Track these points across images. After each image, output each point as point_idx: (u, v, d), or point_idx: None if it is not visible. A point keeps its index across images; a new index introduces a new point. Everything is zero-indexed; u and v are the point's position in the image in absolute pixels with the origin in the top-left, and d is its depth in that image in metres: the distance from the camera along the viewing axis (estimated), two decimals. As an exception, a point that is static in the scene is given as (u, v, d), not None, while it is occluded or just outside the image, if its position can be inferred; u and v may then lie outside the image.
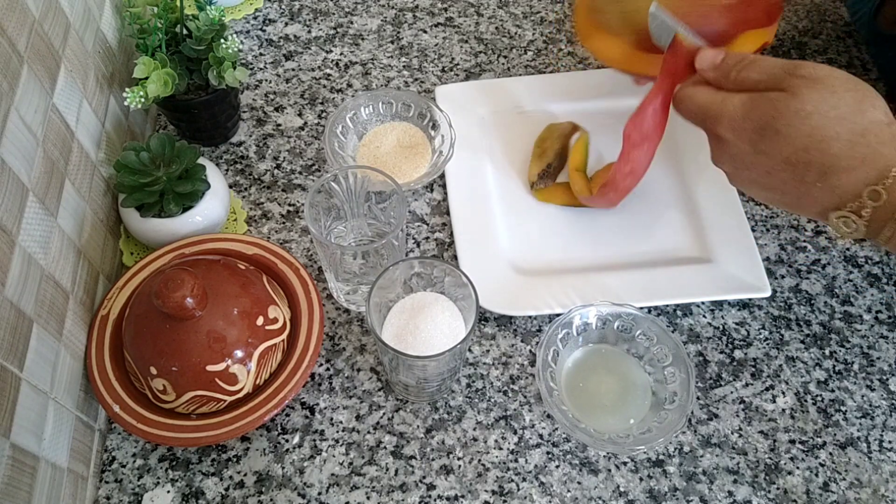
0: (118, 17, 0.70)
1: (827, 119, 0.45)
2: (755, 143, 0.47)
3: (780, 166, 0.47)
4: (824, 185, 0.46)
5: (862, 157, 0.44)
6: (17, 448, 0.45)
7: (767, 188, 0.49)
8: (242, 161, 0.72)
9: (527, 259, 0.65)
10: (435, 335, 0.54)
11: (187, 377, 0.53)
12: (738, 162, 0.49)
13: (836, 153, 0.44)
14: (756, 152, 0.48)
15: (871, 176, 0.44)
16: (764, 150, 0.47)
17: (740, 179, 0.51)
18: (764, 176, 0.48)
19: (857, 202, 0.45)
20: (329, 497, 0.55)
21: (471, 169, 0.69)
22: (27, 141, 0.50)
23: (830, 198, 0.46)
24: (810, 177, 0.46)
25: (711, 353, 0.62)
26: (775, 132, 0.46)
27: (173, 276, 0.51)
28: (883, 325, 0.63)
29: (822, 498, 0.55)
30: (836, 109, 0.45)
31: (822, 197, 0.46)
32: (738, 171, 0.50)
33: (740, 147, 0.48)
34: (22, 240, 0.48)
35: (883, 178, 0.44)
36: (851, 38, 0.81)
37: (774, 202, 0.51)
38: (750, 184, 0.51)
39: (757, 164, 0.48)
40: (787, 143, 0.46)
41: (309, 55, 0.79)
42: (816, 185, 0.46)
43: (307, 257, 0.66)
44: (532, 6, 0.84)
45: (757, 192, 0.51)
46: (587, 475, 0.56)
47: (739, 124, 0.48)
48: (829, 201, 0.46)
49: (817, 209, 0.48)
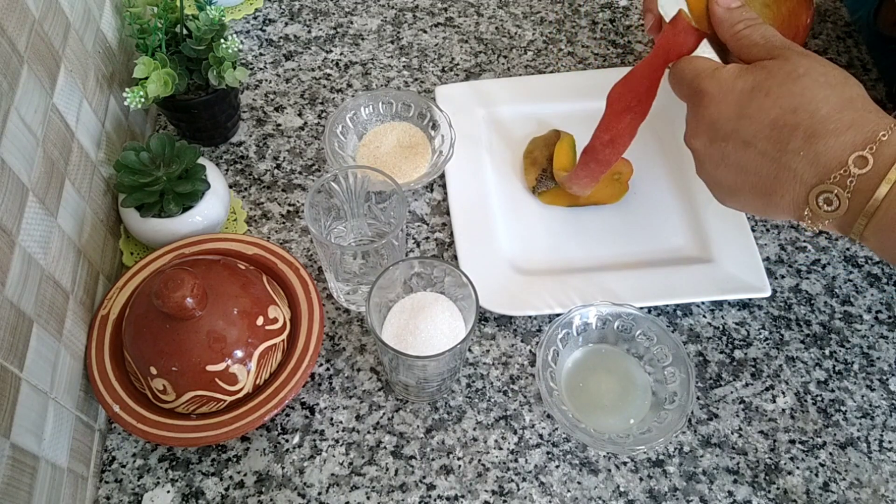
0: (118, 17, 0.70)
1: (817, 83, 0.45)
2: (742, 106, 0.46)
3: (763, 133, 0.45)
4: (808, 152, 0.44)
5: (850, 122, 0.43)
6: (17, 448, 0.45)
7: (739, 167, 0.47)
8: (242, 161, 0.72)
9: (527, 259, 0.65)
10: (435, 335, 0.54)
11: (187, 377, 0.53)
12: (715, 130, 0.47)
13: (825, 115, 0.44)
14: (740, 117, 0.46)
15: (857, 140, 0.43)
16: (749, 113, 0.46)
17: (711, 158, 0.49)
18: (740, 149, 0.47)
19: (842, 171, 0.43)
20: (329, 497, 0.55)
21: (471, 169, 0.69)
22: (27, 141, 0.50)
23: (812, 169, 0.44)
24: (795, 143, 0.44)
25: (711, 353, 0.62)
26: (765, 93, 0.45)
27: (173, 276, 0.51)
28: (883, 325, 0.63)
29: (822, 498, 0.55)
30: (825, 77, 0.45)
31: (804, 169, 0.44)
32: (712, 144, 0.48)
33: (724, 111, 0.47)
34: (22, 240, 0.48)
35: (870, 143, 0.42)
36: (851, 38, 0.81)
37: (743, 191, 0.48)
38: (720, 163, 0.48)
39: (736, 133, 0.46)
40: (775, 103, 0.45)
41: (309, 55, 0.79)
42: (799, 154, 0.44)
43: (307, 257, 0.66)
44: (532, 6, 0.84)
45: (726, 176, 0.49)
46: (587, 475, 0.56)
47: (730, 84, 0.47)
48: (810, 174, 0.44)
49: (794, 190, 0.45)
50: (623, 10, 0.84)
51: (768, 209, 0.48)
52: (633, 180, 0.68)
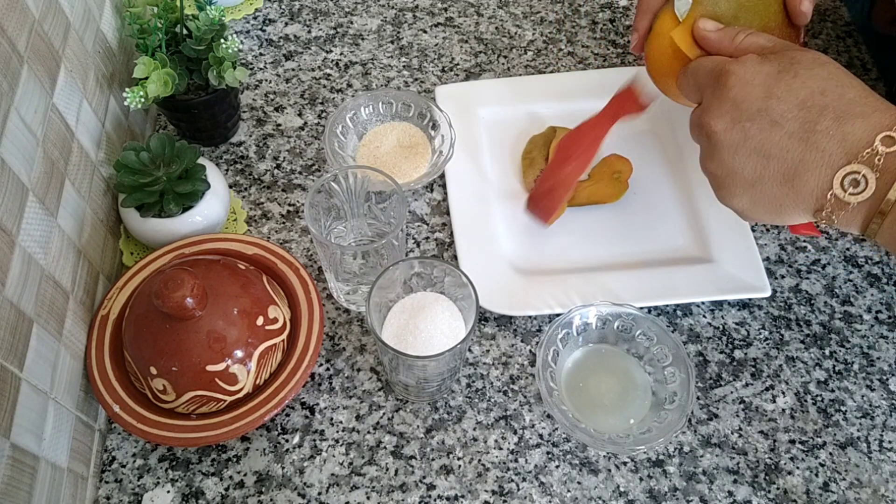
0: (118, 17, 0.70)
1: (841, 70, 0.46)
2: (770, 87, 0.46)
3: (792, 112, 0.45)
4: (837, 131, 0.44)
5: (875, 106, 0.44)
6: (17, 448, 0.45)
7: (762, 151, 0.46)
8: (242, 161, 0.72)
9: (527, 259, 0.65)
10: (435, 335, 0.54)
11: (187, 377, 0.53)
12: (741, 110, 0.46)
13: (852, 98, 0.45)
14: (768, 96, 0.46)
15: (884, 122, 0.43)
16: (778, 93, 0.46)
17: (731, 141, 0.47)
18: (767, 129, 0.46)
19: (870, 149, 0.43)
20: (329, 497, 0.55)
21: (471, 169, 0.69)
22: (27, 141, 0.50)
23: (841, 148, 0.44)
24: (824, 122, 0.44)
25: (711, 353, 0.62)
26: (794, 75, 0.46)
27: (173, 276, 0.51)
28: (883, 325, 0.63)
29: (822, 498, 0.55)
30: (844, 69, 0.46)
31: (832, 148, 0.44)
32: (734, 126, 0.47)
33: (751, 91, 0.46)
34: (22, 240, 0.48)
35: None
36: (851, 38, 0.81)
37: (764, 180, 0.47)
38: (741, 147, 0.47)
39: (764, 113, 0.46)
40: (804, 85, 0.45)
41: (309, 55, 0.79)
42: (829, 133, 0.44)
43: (307, 257, 0.66)
44: (532, 6, 0.84)
45: (745, 164, 0.47)
46: (587, 475, 0.56)
47: (757, 67, 0.47)
48: (839, 154, 0.44)
49: (821, 172, 0.45)
50: (623, 10, 0.84)
51: (786, 200, 0.47)
52: (633, 180, 0.68)
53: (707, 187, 0.68)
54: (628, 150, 0.69)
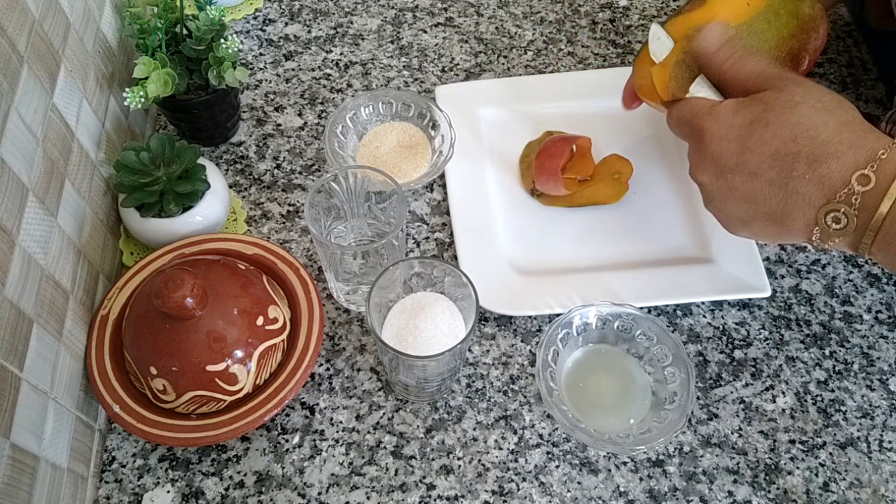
0: (118, 17, 0.70)
1: (814, 109, 0.46)
2: (743, 140, 0.48)
3: (767, 163, 0.47)
4: (812, 175, 0.46)
5: (849, 144, 0.45)
6: (17, 448, 0.45)
7: (748, 198, 0.49)
8: (242, 161, 0.72)
9: (527, 259, 0.65)
10: (435, 335, 0.54)
11: (187, 377, 0.53)
12: (720, 165, 0.49)
13: (825, 140, 0.45)
14: (743, 150, 0.48)
15: (859, 160, 0.45)
16: (751, 146, 0.47)
17: (719, 191, 0.50)
18: (748, 180, 0.48)
19: (846, 189, 0.45)
20: (329, 497, 0.55)
21: (471, 169, 0.69)
22: (27, 141, 0.50)
23: (819, 191, 0.46)
24: (799, 169, 0.46)
25: (711, 353, 0.62)
26: (765, 125, 0.47)
27: (173, 276, 0.51)
28: (883, 325, 0.63)
29: (822, 498, 0.55)
30: (821, 102, 0.47)
31: (810, 192, 0.46)
32: (718, 179, 0.50)
33: (726, 146, 0.48)
34: (22, 240, 0.48)
35: (871, 161, 0.44)
36: (851, 38, 0.81)
37: (756, 220, 0.50)
38: (729, 196, 0.50)
39: (742, 166, 0.48)
40: (775, 135, 0.47)
41: (309, 55, 0.79)
42: (805, 178, 0.46)
43: (307, 257, 0.66)
44: (532, 6, 0.84)
45: (736, 208, 0.50)
46: (587, 475, 0.56)
47: (729, 120, 0.49)
48: (818, 195, 0.46)
49: (804, 212, 0.47)
50: (623, 10, 0.84)
51: (782, 234, 0.49)
52: (633, 180, 0.68)
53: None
54: (628, 151, 0.69)
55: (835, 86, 0.77)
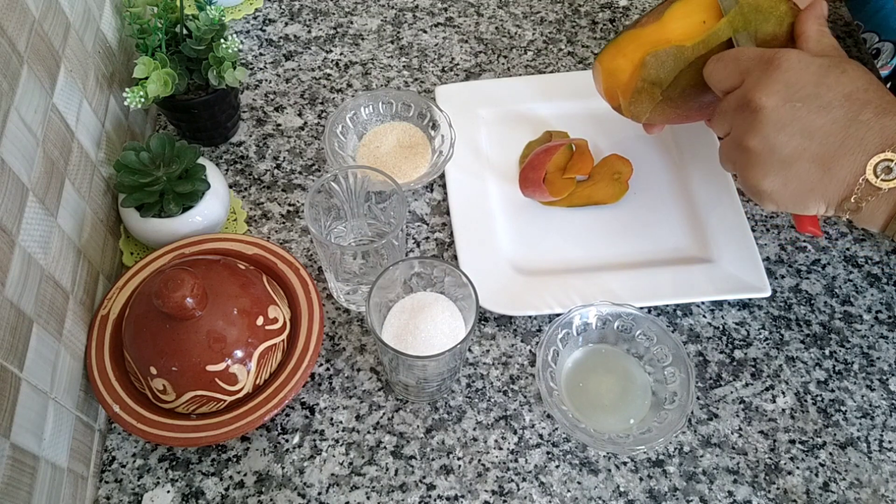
0: (118, 17, 0.70)
1: (879, 81, 0.50)
2: (822, 75, 0.49)
3: (838, 101, 0.48)
4: (876, 123, 0.47)
5: None
6: (17, 448, 0.45)
7: (807, 131, 0.48)
8: (242, 161, 0.72)
9: (527, 259, 0.65)
10: (435, 335, 0.54)
11: (187, 377, 0.53)
12: (793, 90, 0.49)
13: (891, 99, 0.48)
14: (819, 83, 0.49)
15: None
16: (829, 83, 0.49)
17: (780, 118, 0.49)
18: (815, 112, 0.48)
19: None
20: (329, 497, 0.55)
21: (471, 169, 0.69)
22: (27, 141, 0.50)
23: (878, 137, 0.47)
24: (866, 114, 0.48)
25: (711, 353, 0.62)
26: (842, 70, 0.49)
27: (173, 276, 0.51)
28: (883, 325, 0.63)
29: (822, 498, 0.55)
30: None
31: (870, 137, 0.47)
32: (785, 104, 0.49)
33: (805, 76, 0.49)
34: (22, 240, 0.48)
35: None
36: (851, 38, 0.81)
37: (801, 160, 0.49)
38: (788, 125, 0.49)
39: (815, 97, 0.49)
40: (851, 80, 0.49)
41: (309, 55, 0.79)
42: (869, 124, 0.48)
43: (307, 257, 0.66)
44: (532, 6, 0.84)
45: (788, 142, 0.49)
46: (587, 475, 0.56)
47: (808, 58, 0.50)
48: (876, 142, 0.47)
49: (856, 158, 0.47)
50: (623, 10, 0.84)
51: (818, 185, 0.49)
52: (633, 180, 0.68)
53: (707, 187, 0.68)
54: (628, 151, 0.70)
55: (835, 86, 0.77)
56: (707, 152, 0.70)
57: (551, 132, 0.71)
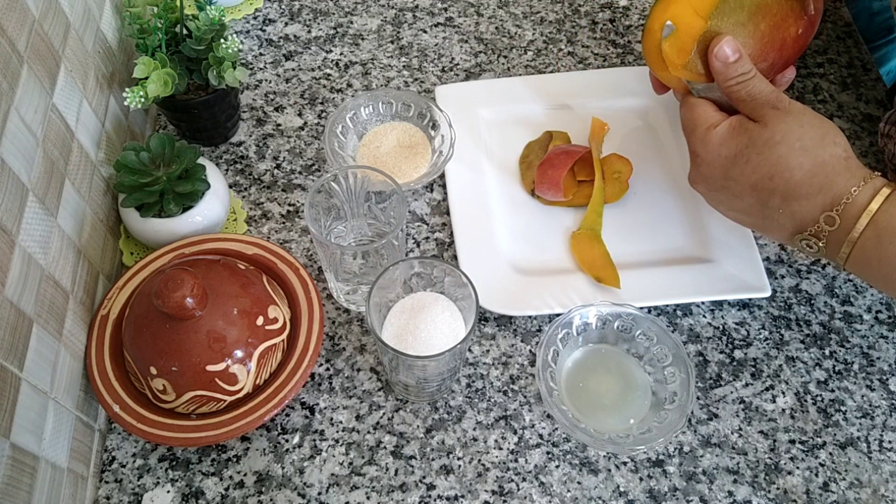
0: (118, 17, 0.70)
1: (792, 150, 0.50)
2: (727, 170, 0.53)
3: (747, 191, 0.52)
4: (786, 210, 0.51)
5: (819, 186, 0.50)
6: (17, 448, 0.45)
7: (737, 210, 0.54)
8: (242, 161, 0.72)
9: (527, 259, 0.65)
10: (435, 335, 0.54)
11: (187, 377, 0.53)
12: (710, 184, 0.55)
13: (798, 181, 0.50)
14: (726, 178, 0.53)
15: (826, 202, 0.50)
16: (734, 176, 0.52)
17: (712, 199, 0.56)
18: (733, 199, 0.54)
19: (815, 227, 0.50)
20: (329, 497, 0.55)
21: (471, 169, 0.69)
22: (27, 141, 0.50)
23: (792, 222, 0.51)
24: (774, 202, 0.51)
25: (711, 353, 0.62)
26: (746, 160, 0.51)
27: (173, 276, 0.51)
28: (883, 325, 0.63)
29: (822, 498, 0.55)
30: (800, 141, 0.50)
31: (785, 221, 0.51)
32: (710, 191, 0.56)
33: (713, 172, 0.54)
34: (22, 240, 0.48)
35: (836, 205, 0.49)
36: (851, 39, 0.81)
37: (745, 224, 0.56)
38: (721, 205, 0.56)
39: (727, 189, 0.53)
40: (754, 171, 0.51)
41: (309, 55, 0.79)
42: (779, 211, 0.51)
43: (307, 257, 0.66)
44: (532, 6, 0.84)
45: (727, 213, 0.56)
46: (587, 475, 0.56)
47: (716, 150, 0.53)
48: (791, 226, 0.51)
49: (781, 233, 0.53)
50: (623, 10, 0.84)
51: (769, 237, 0.58)
52: (633, 180, 0.68)
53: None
54: (628, 150, 0.70)
55: (835, 86, 0.77)
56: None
57: (551, 132, 0.71)
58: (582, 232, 0.66)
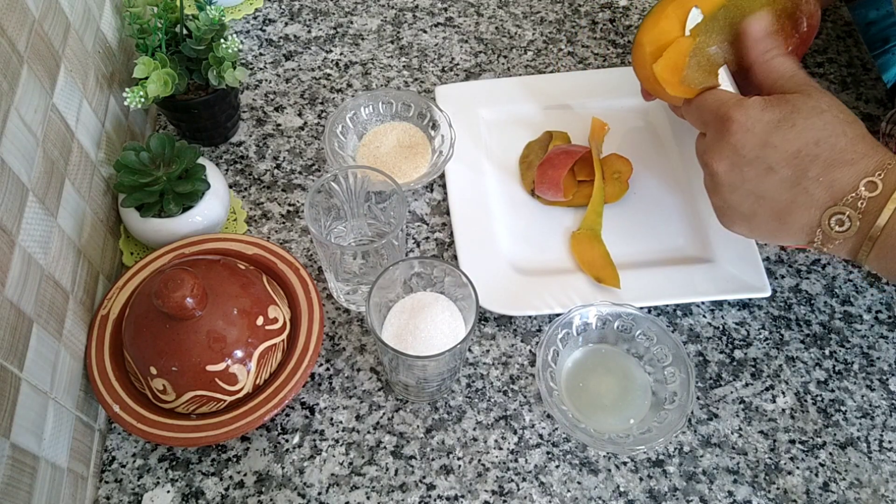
0: (118, 17, 0.70)
1: (836, 119, 0.49)
2: (768, 135, 0.50)
3: (785, 160, 0.49)
4: (825, 178, 0.49)
5: (863, 153, 0.48)
6: (17, 448, 0.45)
7: (757, 192, 0.51)
8: (242, 161, 0.72)
9: (527, 259, 0.65)
10: (435, 335, 0.54)
11: (187, 377, 0.53)
12: (740, 155, 0.51)
13: (843, 147, 0.48)
14: (765, 145, 0.50)
15: (869, 168, 0.48)
16: (774, 142, 0.49)
17: (731, 181, 0.52)
18: (762, 174, 0.50)
19: (854, 195, 0.48)
20: (329, 497, 0.55)
21: (471, 169, 0.69)
22: (27, 141, 0.50)
23: (828, 193, 0.49)
24: (814, 170, 0.49)
25: (711, 353, 0.62)
26: (791, 125, 0.49)
27: (173, 276, 0.51)
28: (883, 325, 0.63)
29: (822, 498, 0.55)
30: (843, 114, 0.50)
31: (819, 194, 0.49)
32: (733, 168, 0.51)
33: (750, 138, 0.50)
34: (22, 240, 0.48)
35: (879, 170, 0.48)
36: (851, 38, 0.81)
37: (758, 216, 0.52)
38: (739, 187, 0.51)
39: (760, 159, 0.50)
40: (799, 136, 0.49)
41: (309, 55, 0.79)
42: (817, 180, 0.49)
43: (307, 257, 0.66)
44: (532, 6, 0.84)
45: (742, 201, 0.52)
46: (587, 475, 0.56)
47: (758, 114, 0.50)
48: (826, 197, 0.49)
49: (808, 213, 0.50)
50: (623, 9, 0.84)
51: (780, 233, 0.52)
52: (633, 180, 0.68)
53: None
54: (628, 150, 0.70)
55: (835, 86, 0.77)
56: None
57: (551, 132, 0.71)
58: (582, 232, 0.66)
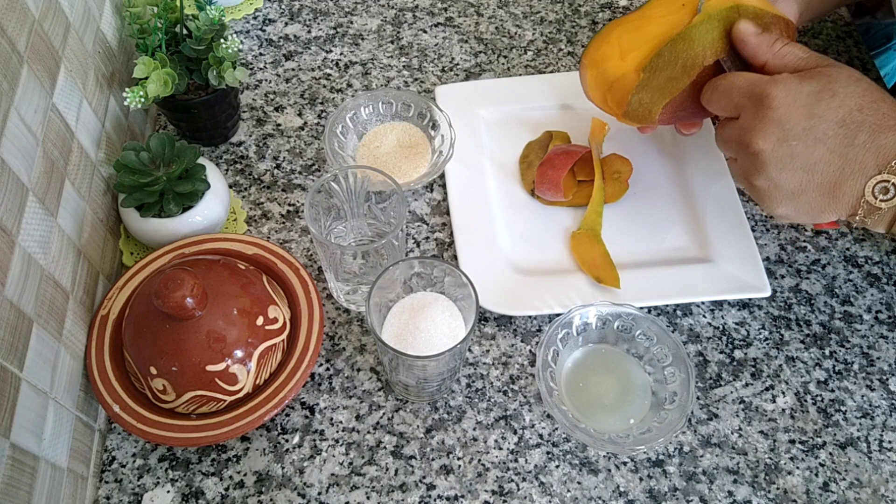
0: (118, 17, 0.70)
1: (872, 85, 0.50)
2: (811, 107, 0.49)
3: (832, 130, 0.49)
4: (872, 144, 0.48)
5: None
6: (17, 448, 0.45)
7: (807, 166, 0.49)
8: (242, 161, 0.72)
9: (527, 259, 0.65)
10: (435, 335, 0.54)
11: (187, 377, 0.53)
12: (786, 130, 0.49)
13: (886, 112, 0.48)
14: (811, 116, 0.49)
15: None
16: (819, 113, 0.49)
17: (779, 158, 0.50)
18: (811, 147, 0.49)
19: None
20: (329, 497, 0.55)
21: (471, 169, 0.69)
22: (27, 141, 0.50)
23: (875, 159, 0.48)
24: (861, 137, 0.48)
25: (711, 353, 0.62)
26: (832, 94, 0.49)
27: (173, 276, 0.51)
28: (883, 325, 0.63)
29: (822, 498, 0.55)
30: (875, 83, 0.50)
31: (867, 160, 0.48)
32: (781, 145, 0.50)
33: (795, 112, 0.49)
34: (22, 240, 0.48)
35: None
36: (851, 38, 0.81)
37: (808, 191, 0.50)
38: (788, 164, 0.50)
39: (808, 132, 0.49)
40: (842, 104, 0.49)
41: (309, 55, 0.79)
42: (865, 147, 0.48)
43: (307, 257, 0.66)
44: (532, 6, 0.84)
45: (791, 178, 0.50)
46: (587, 475, 0.56)
47: (796, 88, 0.50)
48: (873, 164, 0.48)
49: (856, 182, 0.49)
50: (623, 10, 0.84)
51: (828, 208, 0.51)
52: (633, 180, 0.68)
53: (707, 187, 0.68)
54: (628, 150, 0.70)
55: (835, 86, 0.77)
56: (707, 152, 0.70)
57: (551, 132, 0.71)
58: (582, 232, 0.66)
